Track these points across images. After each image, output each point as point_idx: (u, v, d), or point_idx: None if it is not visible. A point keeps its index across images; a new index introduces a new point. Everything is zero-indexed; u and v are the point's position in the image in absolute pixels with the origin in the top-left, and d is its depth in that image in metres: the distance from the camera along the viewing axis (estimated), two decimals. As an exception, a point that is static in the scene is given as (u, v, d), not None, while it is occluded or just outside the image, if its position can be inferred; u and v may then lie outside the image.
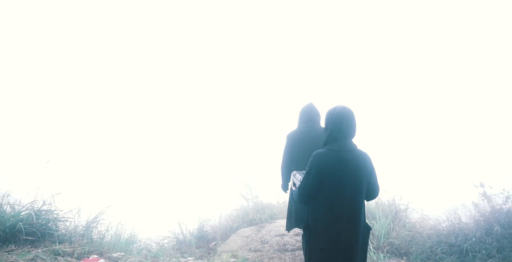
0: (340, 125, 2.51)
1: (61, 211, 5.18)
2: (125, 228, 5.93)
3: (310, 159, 2.54)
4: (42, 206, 4.99)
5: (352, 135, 2.56)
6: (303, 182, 2.55)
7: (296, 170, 4.31)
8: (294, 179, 2.99)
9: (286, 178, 4.29)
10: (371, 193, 2.61)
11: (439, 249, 5.29)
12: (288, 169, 4.26)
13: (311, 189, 2.51)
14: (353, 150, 2.52)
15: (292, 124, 4.83)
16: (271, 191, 9.15)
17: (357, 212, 2.49)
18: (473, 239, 5.14)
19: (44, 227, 4.78)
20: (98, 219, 5.31)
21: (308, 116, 4.28)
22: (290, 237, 4.43)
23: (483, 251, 4.99)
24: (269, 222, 4.98)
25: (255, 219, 6.75)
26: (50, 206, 5.09)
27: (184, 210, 9.25)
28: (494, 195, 6.12)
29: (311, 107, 4.35)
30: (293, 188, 2.95)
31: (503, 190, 6.14)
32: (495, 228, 5.17)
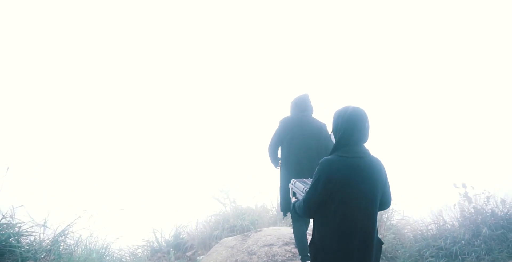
0: (353, 128, 2.23)
1: (24, 224, 4.64)
2: (97, 239, 5.45)
3: (318, 166, 2.26)
4: (1, 219, 4.44)
5: (365, 139, 2.29)
6: (310, 193, 2.26)
7: (285, 155, 4.18)
8: (294, 188, 2.70)
9: (273, 158, 4.36)
10: (384, 204, 2.37)
11: (428, 252, 5.19)
12: (275, 151, 4.29)
13: (319, 201, 2.23)
14: (366, 156, 2.26)
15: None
16: (249, 194, 8.88)
17: (371, 227, 2.24)
18: (462, 241, 5.07)
19: (4, 243, 4.23)
20: (66, 232, 4.80)
21: (305, 106, 4.26)
22: (279, 247, 4.16)
23: (472, 254, 4.93)
24: (255, 231, 4.68)
25: (235, 225, 6.43)
26: (11, 219, 4.54)
27: (158, 216, 8.80)
28: (475, 195, 6.12)
29: (307, 98, 4.34)
30: (293, 199, 2.67)
31: (484, 190, 6.16)
32: (483, 230, 5.13)
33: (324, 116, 4.39)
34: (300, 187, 2.57)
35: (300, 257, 4.26)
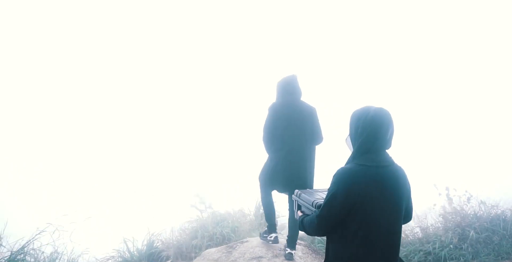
0: (377, 132, 1.92)
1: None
2: (61, 254, 4.91)
3: (334, 177, 1.96)
4: None
5: (389, 146, 2.01)
6: (325, 208, 1.96)
7: (277, 142, 3.91)
8: (300, 200, 2.38)
9: (271, 149, 4.08)
10: (406, 218, 2.10)
11: (416, 257, 5.06)
12: (270, 143, 3.99)
13: (336, 218, 1.94)
14: (390, 165, 1.98)
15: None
16: (226, 198, 8.52)
17: (396, 247, 1.97)
18: (451, 245, 4.97)
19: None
20: (26, 249, 4.25)
21: (293, 89, 3.97)
22: (268, 260, 3.85)
23: (461, 258, 4.84)
24: (241, 242, 4.35)
25: (215, 233, 6.04)
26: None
27: (130, 224, 8.25)
28: (455, 196, 6.09)
29: (295, 80, 4.03)
30: (299, 213, 2.35)
31: (466, 191, 6.13)
32: (470, 233, 5.06)
33: (314, 102, 4.16)
34: (309, 200, 2.25)
35: (267, 225, 4.17)
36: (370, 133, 1.93)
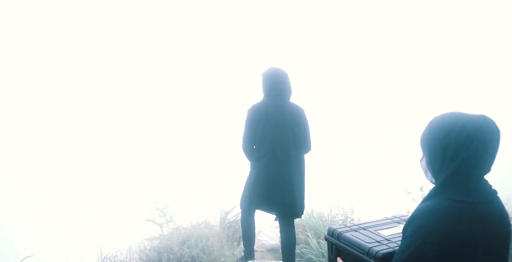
0: (482, 153, 1.31)
1: None
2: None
3: (416, 220, 1.33)
4: None
5: (489, 169, 1.40)
6: (403, 258, 1.33)
7: (257, 153, 3.31)
8: (340, 244, 1.73)
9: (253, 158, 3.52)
10: None
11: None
12: (251, 151, 3.42)
13: None
14: (494, 200, 1.40)
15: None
16: (190, 210, 7.72)
17: None
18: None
19: None
20: None
21: (282, 87, 3.34)
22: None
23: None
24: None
25: (183, 255, 5.23)
26: None
27: (78, 244, 7.14)
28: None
29: (286, 77, 3.37)
30: (339, 261, 1.70)
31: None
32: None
33: (313, 102, 3.56)
34: (359, 245, 1.60)
35: (244, 250, 3.68)
36: (470, 154, 1.30)
